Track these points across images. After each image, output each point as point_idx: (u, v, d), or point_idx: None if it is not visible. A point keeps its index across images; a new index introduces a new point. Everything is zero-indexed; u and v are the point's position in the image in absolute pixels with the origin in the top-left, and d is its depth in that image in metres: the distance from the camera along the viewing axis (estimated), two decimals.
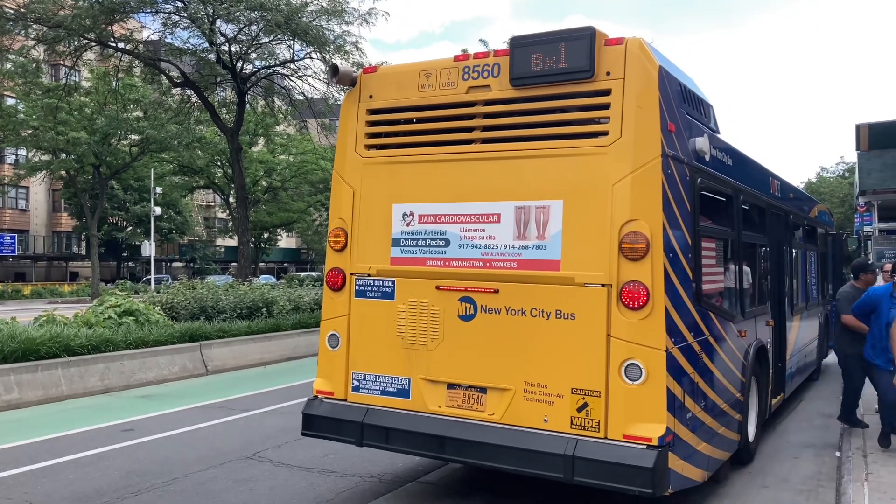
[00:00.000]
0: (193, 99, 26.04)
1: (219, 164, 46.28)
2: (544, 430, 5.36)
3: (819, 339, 12.73)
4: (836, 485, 6.83)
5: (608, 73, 5.31)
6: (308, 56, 23.64)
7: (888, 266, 11.97)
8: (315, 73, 24.02)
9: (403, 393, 5.97)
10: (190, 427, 9.42)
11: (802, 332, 10.78)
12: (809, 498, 6.54)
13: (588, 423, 5.22)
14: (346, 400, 6.23)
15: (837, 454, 7.88)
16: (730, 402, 6.55)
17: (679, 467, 5.23)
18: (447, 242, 5.90)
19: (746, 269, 7.54)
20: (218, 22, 21.56)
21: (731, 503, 6.38)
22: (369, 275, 6.18)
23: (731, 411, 6.62)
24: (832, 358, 14.39)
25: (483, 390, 5.69)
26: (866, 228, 29.22)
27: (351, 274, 6.26)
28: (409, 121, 6.27)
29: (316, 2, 21.99)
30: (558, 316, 5.40)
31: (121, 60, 24.35)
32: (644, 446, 5.01)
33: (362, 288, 6.21)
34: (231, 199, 46.48)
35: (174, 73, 24.62)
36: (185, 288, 18.52)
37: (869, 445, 7.65)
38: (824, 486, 6.85)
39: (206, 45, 22.51)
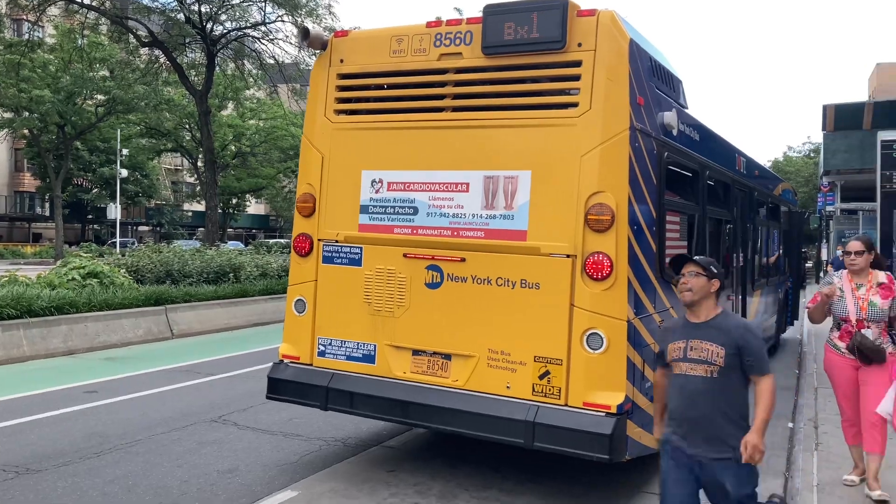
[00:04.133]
0: (162, 59, 25.56)
1: (187, 127, 45.51)
2: (506, 396, 5.45)
3: (778, 314, 13.03)
4: (787, 454, 7.06)
5: (580, 45, 5.32)
6: (280, 19, 23.30)
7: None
8: (286, 36, 23.88)
9: (369, 358, 6.02)
10: (154, 390, 9.40)
11: (762, 307, 11.02)
12: (761, 466, 6.73)
13: (549, 390, 5.32)
14: (311, 365, 6.26)
15: (790, 425, 8.12)
16: None
17: (637, 435, 5.36)
18: (415, 210, 5.92)
19: (709, 243, 7.66)
20: None
21: None
22: (337, 241, 6.18)
23: None
24: (791, 332, 14.82)
25: (447, 357, 5.75)
26: (829, 208, 29.79)
27: (319, 240, 6.26)
28: (380, 86, 6.24)
29: None
30: (523, 285, 5.47)
31: (86, 17, 23.74)
32: (603, 414, 5.13)
33: (330, 254, 6.21)
34: (199, 163, 45.83)
35: (142, 33, 24.10)
36: (150, 251, 18.31)
37: (820, 417, 7.90)
38: (776, 455, 7.07)
39: (176, 4, 22.01)
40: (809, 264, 25.96)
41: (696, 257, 4.12)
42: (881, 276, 5.67)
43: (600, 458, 5.11)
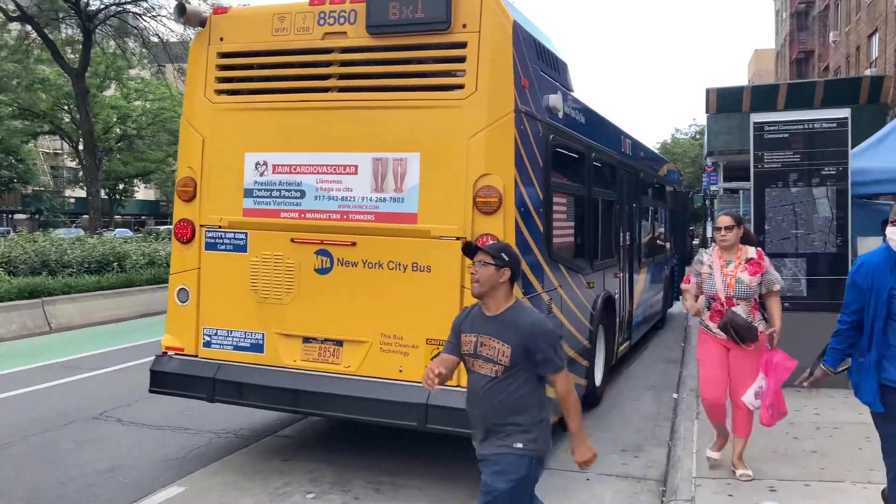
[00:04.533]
0: (33, 36, 23.89)
1: (66, 108, 42.87)
2: (399, 380, 5.42)
3: (665, 290, 13.59)
4: (671, 423, 7.38)
5: (464, 26, 5.30)
6: None
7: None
8: (171, 13, 22.63)
9: (257, 347, 5.85)
10: (29, 388, 8.85)
11: (649, 284, 11.46)
12: (647, 436, 7.02)
13: None
14: (196, 356, 6.03)
15: (675, 395, 8.49)
16: (578, 349, 6.88)
17: None
18: (302, 194, 5.77)
19: (597, 223, 7.87)
20: None
21: None
22: (220, 227, 5.96)
23: (580, 358, 6.96)
24: (678, 307, 15.50)
25: (339, 343, 5.67)
26: (713, 187, 31.26)
27: (201, 226, 6.01)
28: (263, 66, 6.02)
29: None
30: (415, 268, 5.43)
31: None
32: None
33: (213, 240, 5.98)
34: (80, 147, 43.34)
35: (10, 7, 22.43)
36: (24, 241, 17.17)
37: None
38: (661, 425, 7.38)
39: None
40: (696, 242, 27.22)
41: (488, 243, 3.72)
42: (750, 251, 5.49)
43: None
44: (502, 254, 3.56)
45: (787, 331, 8.05)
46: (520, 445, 3.48)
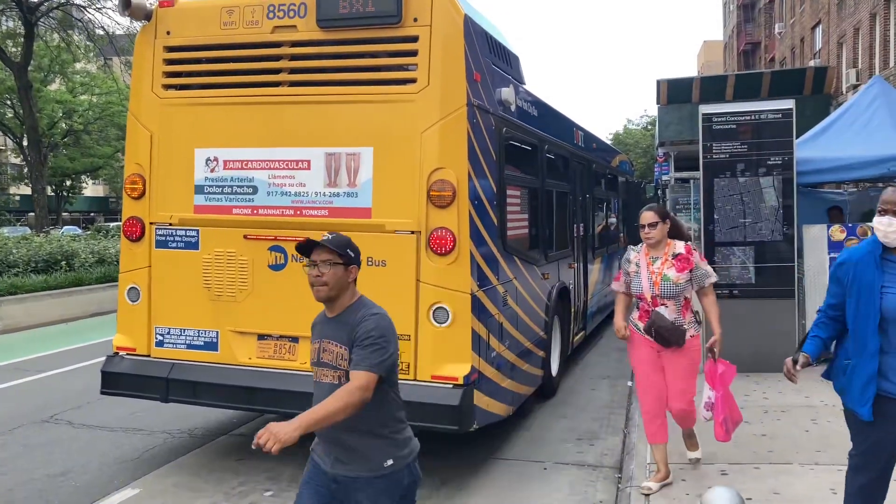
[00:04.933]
0: None
1: (8, 102, 41.50)
2: None
3: None
4: (626, 411, 7.50)
5: (415, 20, 5.29)
6: None
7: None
8: (116, 5, 22.06)
9: (211, 346, 5.78)
10: None
11: (603, 274, 11.61)
12: (602, 424, 7.13)
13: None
14: (149, 356, 5.93)
15: (629, 384, 8.63)
16: (534, 340, 6.95)
17: (484, 403, 5.50)
18: (255, 190, 5.71)
19: (550, 215, 7.95)
20: None
21: (533, 434, 6.82)
22: (171, 224, 5.86)
23: (535, 349, 7.03)
24: None
25: (295, 339, 5.63)
26: (664, 177, 31.74)
27: (150, 223, 5.91)
28: (211, 60, 5.93)
29: None
30: (370, 263, 5.42)
31: None
32: (451, 385, 5.20)
33: (163, 238, 5.88)
34: (25, 143, 42.04)
35: None
36: None
37: None
38: (616, 413, 7.51)
39: None
40: None
41: (326, 237, 3.08)
42: (679, 246, 5.08)
43: (450, 429, 5.20)
44: (348, 250, 3.07)
45: (737, 317, 8.29)
46: (390, 462, 3.00)
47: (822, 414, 6.50)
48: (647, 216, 5.06)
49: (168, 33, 5.89)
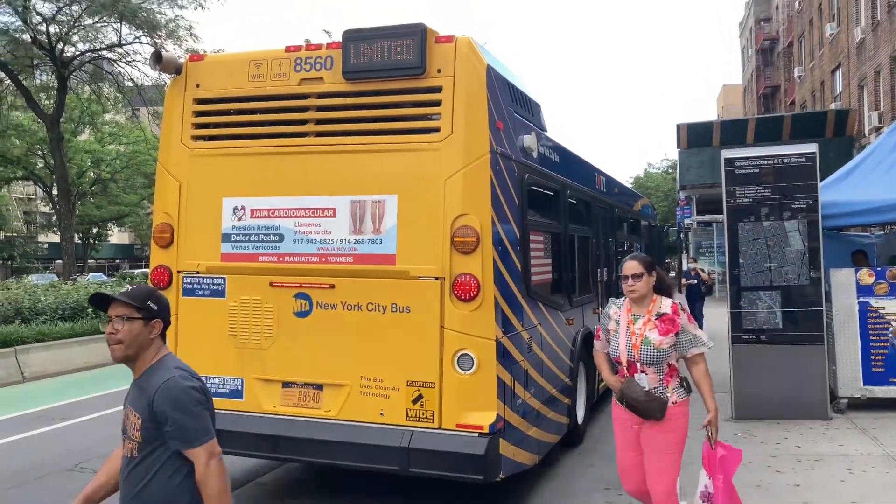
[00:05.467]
0: (7, 82, 23.83)
1: (39, 153, 42.59)
2: (381, 423, 5.38)
3: None
4: None
5: (439, 71, 5.39)
6: (137, 40, 22.29)
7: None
8: (145, 58, 22.72)
9: (236, 394, 5.79)
10: (2, 440, 8.63)
11: None
12: None
13: (423, 414, 5.29)
14: None
15: None
16: (559, 387, 6.88)
17: (510, 453, 5.43)
18: (281, 238, 5.77)
19: (574, 260, 7.94)
20: None
21: (559, 483, 6.70)
22: (198, 272, 5.93)
23: (561, 396, 6.95)
24: None
25: (319, 387, 5.62)
26: (686, 221, 31.70)
27: (178, 272, 5.98)
28: (240, 112, 6.07)
29: None
30: (394, 309, 5.43)
31: None
32: (476, 434, 5.15)
33: (191, 286, 5.95)
34: (54, 192, 42.95)
35: None
36: None
37: None
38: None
39: (20, 23, 20.65)
40: (672, 275, 27.47)
41: (127, 290, 2.82)
42: (665, 304, 4.45)
43: (475, 479, 5.14)
44: (149, 302, 2.77)
45: (766, 363, 8.17)
46: None
47: (858, 463, 6.33)
48: (631, 266, 4.46)
49: (197, 86, 6.04)
